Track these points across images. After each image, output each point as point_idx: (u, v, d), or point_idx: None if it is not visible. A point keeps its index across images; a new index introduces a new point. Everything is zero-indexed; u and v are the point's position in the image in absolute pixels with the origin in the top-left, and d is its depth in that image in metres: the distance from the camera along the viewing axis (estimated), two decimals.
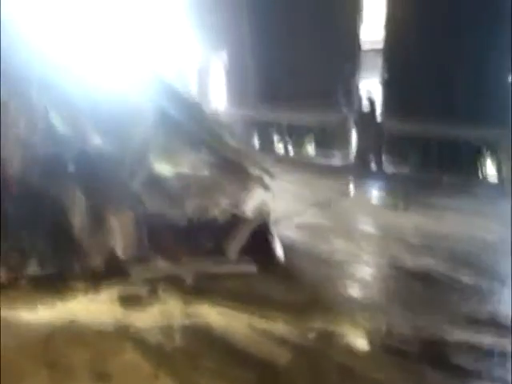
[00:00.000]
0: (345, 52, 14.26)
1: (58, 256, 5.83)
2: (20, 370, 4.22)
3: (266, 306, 5.38)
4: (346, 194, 11.19)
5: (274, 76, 15.81)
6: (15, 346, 4.52)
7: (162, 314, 5.29)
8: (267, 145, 16.18)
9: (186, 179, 6.56)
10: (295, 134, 15.67)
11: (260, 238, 6.62)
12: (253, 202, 6.72)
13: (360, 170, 13.28)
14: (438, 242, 7.55)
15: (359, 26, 14.86)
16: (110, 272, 5.86)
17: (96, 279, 5.75)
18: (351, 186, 12.13)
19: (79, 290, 5.60)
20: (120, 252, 6.04)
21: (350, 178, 12.67)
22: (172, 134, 6.77)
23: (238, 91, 17.49)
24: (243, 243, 6.49)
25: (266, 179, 7.00)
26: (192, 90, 17.80)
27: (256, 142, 16.56)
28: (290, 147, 15.79)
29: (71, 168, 6.26)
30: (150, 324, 5.04)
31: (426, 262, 6.78)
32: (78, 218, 6.02)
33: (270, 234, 6.74)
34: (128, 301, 5.46)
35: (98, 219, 6.06)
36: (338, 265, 6.72)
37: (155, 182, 6.38)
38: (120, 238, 6.06)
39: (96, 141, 6.36)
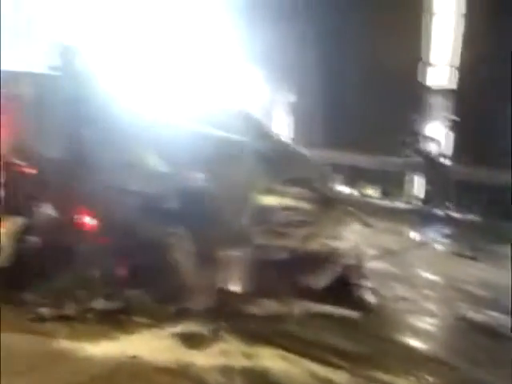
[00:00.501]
0: (412, 94, 14.19)
1: (125, 290, 5.97)
2: None
3: (329, 352, 5.31)
4: (410, 238, 10.98)
5: (340, 118, 15.85)
6: (80, 380, 4.60)
7: (222, 353, 5.29)
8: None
9: (289, 210, 6.59)
10: (359, 176, 15.59)
11: (348, 277, 6.53)
12: (347, 238, 6.72)
13: (425, 215, 13.04)
14: (505, 295, 7.27)
15: (427, 68, 14.83)
16: (221, 309, 5.87)
17: (162, 315, 5.82)
18: (416, 231, 11.89)
19: (143, 325, 5.67)
20: (229, 289, 6.07)
21: (415, 222, 12.43)
22: (272, 172, 6.86)
23: (302, 131, 17.61)
24: (332, 280, 6.42)
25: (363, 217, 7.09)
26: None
27: None
28: (353, 189, 15.71)
29: (174, 206, 6.32)
30: (211, 364, 5.04)
31: (492, 316, 6.55)
32: (182, 256, 6.07)
33: (361, 274, 6.63)
34: (190, 338, 5.47)
35: (203, 258, 6.09)
36: (402, 314, 6.57)
37: (260, 214, 6.42)
38: (229, 276, 6.10)
39: (197, 179, 6.46)
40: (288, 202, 6.74)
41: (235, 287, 6.10)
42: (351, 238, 6.99)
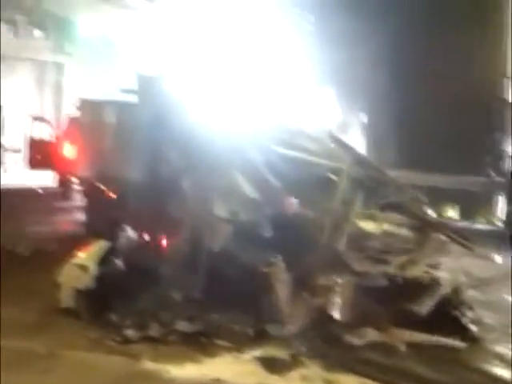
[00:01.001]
0: (494, 111, 13.75)
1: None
2: None
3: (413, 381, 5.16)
4: (495, 263, 10.55)
5: (416, 137, 15.53)
6: None
7: (303, 379, 5.24)
8: None
9: (389, 237, 6.52)
10: (437, 197, 15.17)
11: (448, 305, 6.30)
12: (446, 265, 6.54)
13: (508, 237, 12.50)
14: None
15: (507, 81, 14.37)
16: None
17: (242, 340, 5.85)
18: (500, 255, 11.42)
19: (224, 348, 5.70)
20: (336, 316, 5.97)
21: (498, 245, 11.94)
22: (368, 197, 6.84)
23: (377, 152, 17.34)
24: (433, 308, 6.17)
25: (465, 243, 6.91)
26: None
27: None
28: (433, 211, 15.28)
29: (267, 233, 6.39)
30: None
31: None
32: (279, 284, 6.06)
33: (462, 303, 6.41)
34: (270, 363, 5.46)
35: (299, 284, 6.08)
36: (487, 343, 6.29)
37: (359, 240, 6.37)
38: (327, 302, 6.03)
39: (292, 205, 6.48)
40: (387, 227, 6.65)
41: (334, 314, 5.99)
42: (449, 265, 6.72)
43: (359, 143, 18.74)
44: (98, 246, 7.06)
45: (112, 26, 25.30)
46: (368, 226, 6.55)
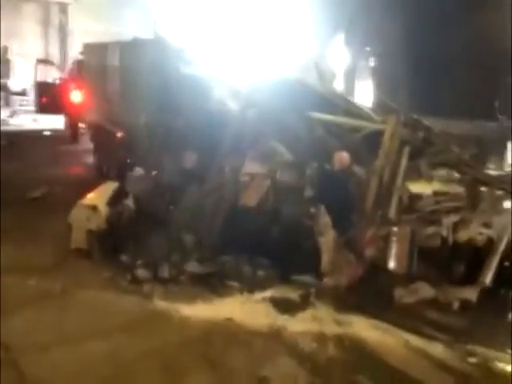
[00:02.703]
0: (503, 58, 13.45)
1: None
2: (183, 365, 4.37)
3: (424, 324, 5.20)
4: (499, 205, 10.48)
5: (426, 82, 15.25)
6: (177, 341, 4.70)
7: (313, 319, 5.28)
8: None
9: (441, 196, 6.39)
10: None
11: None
12: (502, 224, 6.27)
13: None
14: None
15: None
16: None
17: (249, 280, 5.90)
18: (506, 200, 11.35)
19: (235, 288, 5.75)
20: (392, 267, 5.96)
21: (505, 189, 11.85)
22: (417, 157, 6.69)
23: (386, 96, 17.08)
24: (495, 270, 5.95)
25: None
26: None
27: None
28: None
29: (308, 193, 6.41)
30: (303, 329, 5.04)
31: None
32: (324, 236, 6.02)
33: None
34: (281, 303, 5.49)
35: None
36: None
37: (409, 201, 6.26)
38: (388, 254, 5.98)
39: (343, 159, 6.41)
40: (436, 186, 6.45)
41: (388, 265, 5.93)
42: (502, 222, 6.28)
43: (368, 87, 18.53)
44: (107, 187, 7.06)
45: None
46: (418, 185, 6.35)
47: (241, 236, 6.14)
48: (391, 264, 5.93)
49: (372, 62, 18.61)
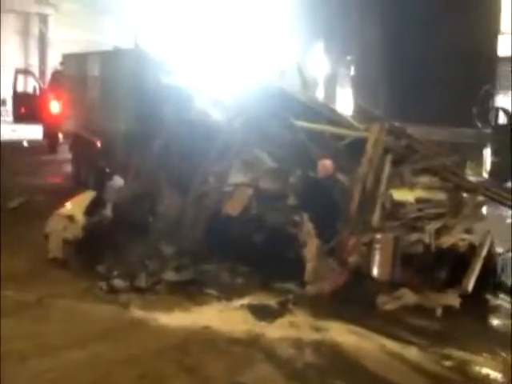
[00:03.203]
0: (480, 62, 13.63)
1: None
2: (161, 373, 4.36)
3: (401, 329, 5.24)
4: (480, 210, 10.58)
5: (405, 88, 15.39)
6: (154, 348, 4.69)
7: (291, 325, 5.29)
8: None
9: (423, 203, 6.38)
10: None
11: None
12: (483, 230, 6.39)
13: (494, 188, 12.53)
14: None
15: (496, 35, 14.23)
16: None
17: (227, 287, 5.90)
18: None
19: (213, 296, 5.75)
20: (376, 274, 5.94)
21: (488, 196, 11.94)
22: (400, 164, 6.70)
23: (365, 104, 17.21)
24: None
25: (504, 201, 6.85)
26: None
27: None
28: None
29: (291, 201, 6.43)
30: (280, 336, 5.05)
31: None
32: (308, 245, 6.00)
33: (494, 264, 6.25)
34: (259, 310, 5.50)
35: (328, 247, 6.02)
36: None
37: (392, 208, 6.23)
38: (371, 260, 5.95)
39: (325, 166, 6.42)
40: (419, 193, 6.44)
41: (371, 272, 5.91)
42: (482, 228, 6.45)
43: (348, 95, 18.65)
44: (85, 197, 7.04)
45: None
46: (401, 192, 6.34)
47: (223, 244, 6.17)
48: (374, 271, 5.94)
49: (352, 71, 18.77)
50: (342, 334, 5.10)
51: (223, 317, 5.36)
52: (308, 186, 6.45)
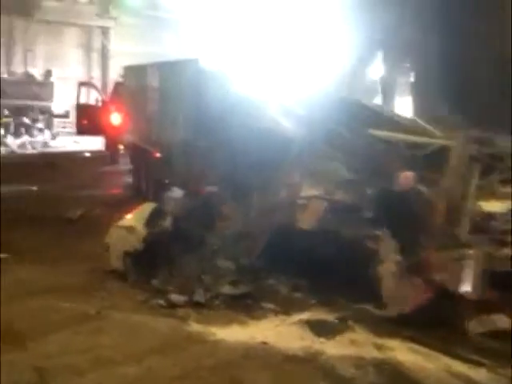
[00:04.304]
0: None
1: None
2: None
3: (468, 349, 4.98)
4: None
5: (466, 96, 14.95)
6: (211, 364, 4.61)
7: (351, 343, 5.12)
8: None
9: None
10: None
11: None
12: None
13: None
14: None
15: None
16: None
17: (285, 302, 5.78)
18: None
19: (271, 310, 5.64)
20: (463, 292, 5.49)
21: None
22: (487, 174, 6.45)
23: (424, 110, 16.82)
24: None
25: None
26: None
27: None
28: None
29: (367, 214, 6.20)
30: (340, 353, 4.90)
31: None
32: (388, 262, 5.74)
33: None
34: (318, 326, 5.34)
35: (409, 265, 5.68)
36: None
37: (480, 220, 5.96)
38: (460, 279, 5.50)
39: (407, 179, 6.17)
40: (508, 205, 6.05)
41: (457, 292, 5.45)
42: None
43: (406, 103, 18.27)
44: (145, 208, 7.06)
45: None
46: (490, 204, 6.03)
47: (285, 258, 6.02)
48: (462, 289, 5.47)
49: (412, 78, 18.40)
50: (405, 353, 4.89)
51: (281, 332, 5.23)
52: (387, 199, 6.16)
